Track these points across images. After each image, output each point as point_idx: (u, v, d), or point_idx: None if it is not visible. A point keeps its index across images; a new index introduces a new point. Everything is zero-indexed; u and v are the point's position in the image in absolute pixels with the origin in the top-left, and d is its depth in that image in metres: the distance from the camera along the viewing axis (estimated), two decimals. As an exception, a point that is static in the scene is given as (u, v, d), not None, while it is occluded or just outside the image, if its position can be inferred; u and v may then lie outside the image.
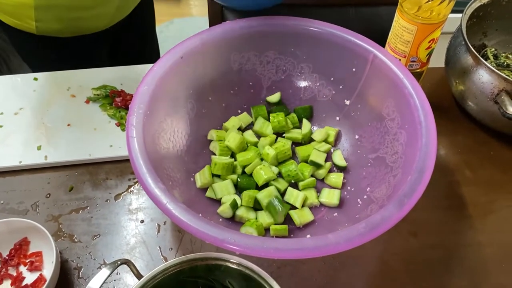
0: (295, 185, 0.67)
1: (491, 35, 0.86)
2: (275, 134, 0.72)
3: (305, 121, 0.73)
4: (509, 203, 0.71)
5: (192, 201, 0.61)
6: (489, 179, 0.74)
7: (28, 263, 0.61)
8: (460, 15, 0.76)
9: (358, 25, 0.73)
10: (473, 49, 0.72)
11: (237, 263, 0.48)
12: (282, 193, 0.65)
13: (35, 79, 0.83)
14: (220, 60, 0.69)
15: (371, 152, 0.66)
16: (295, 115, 0.73)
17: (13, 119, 0.77)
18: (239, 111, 0.74)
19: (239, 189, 0.66)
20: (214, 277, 0.51)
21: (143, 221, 0.67)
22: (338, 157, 0.69)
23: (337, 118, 0.72)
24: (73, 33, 0.90)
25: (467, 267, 0.64)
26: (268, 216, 0.62)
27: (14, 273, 0.61)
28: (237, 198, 0.63)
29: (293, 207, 0.64)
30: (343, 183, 0.67)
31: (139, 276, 0.50)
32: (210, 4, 1.06)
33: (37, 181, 0.70)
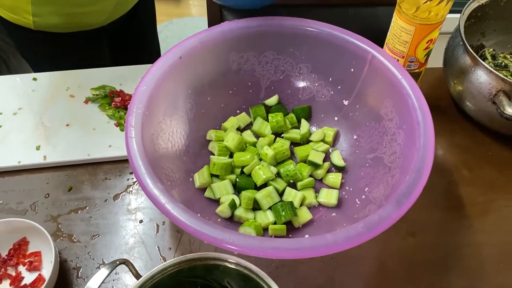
0: (294, 185, 0.67)
1: (489, 36, 0.86)
2: (273, 134, 0.72)
3: (304, 121, 0.73)
4: (507, 203, 0.72)
5: (191, 201, 0.62)
6: (487, 179, 0.74)
7: (27, 263, 0.61)
8: (458, 16, 0.76)
9: (356, 25, 0.72)
10: (471, 50, 0.72)
11: (235, 263, 0.48)
12: (280, 193, 0.65)
13: (34, 79, 0.83)
14: (219, 60, 0.69)
15: (369, 152, 0.66)
16: (293, 115, 0.73)
17: (12, 119, 0.77)
18: (238, 111, 0.74)
19: (237, 189, 0.66)
20: (212, 277, 0.51)
21: (142, 221, 0.67)
22: (336, 157, 0.69)
23: (336, 118, 0.72)
24: (71, 29, 0.90)
25: (465, 266, 0.64)
26: (266, 216, 0.62)
27: (13, 273, 0.61)
28: (236, 198, 0.64)
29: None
30: (342, 183, 0.67)
31: (137, 276, 0.51)
32: (209, 4, 1.06)
33: (36, 181, 0.70)
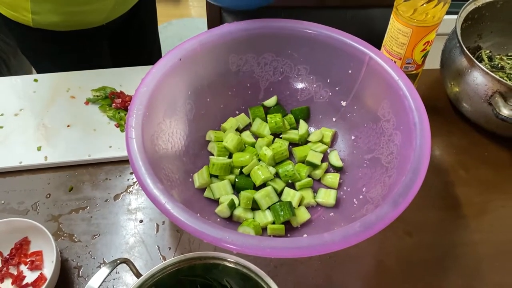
0: (292, 185, 0.68)
1: (486, 37, 0.87)
2: (272, 135, 0.72)
3: (302, 122, 0.73)
4: (503, 203, 0.72)
5: (190, 201, 0.62)
6: (483, 179, 0.75)
7: (28, 262, 0.62)
8: (455, 17, 0.76)
9: (354, 27, 0.73)
10: (467, 51, 0.72)
11: (234, 262, 0.49)
12: (279, 193, 0.66)
13: (35, 81, 0.83)
14: (218, 62, 0.70)
15: (367, 152, 0.67)
16: (292, 116, 0.74)
17: (13, 120, 0.78)
18: (237, 112, 0.75)
19: (236, 189, 0.66)
20: (212, 276, 0.51)
21: (142, 221, 0.67)
22: (334, 158, 0.70)
23: (334, 119, 0.73)
24: (70, 27, 0.90)
25: (461, 266, 0.65)
26: (265, 216, 0.63)
27: (15, 272, 0.62)
28: (235, 198, 0.64)
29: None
30: (339, 183, 0.67)
31: (138, 274, 0.51)
32: (208, 6, 1.07)
33: (37, 182, 0.71)
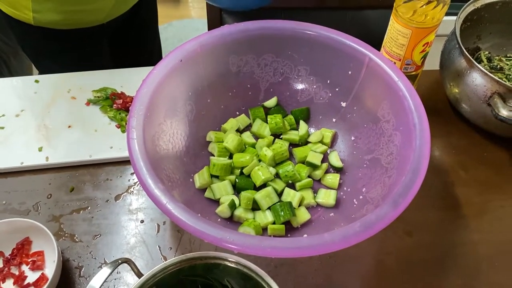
0: (292, 186, 0.68)
1: (485, 38, 0.87)
2: (272, 135, 0.73)
3: (302, 123, 0.74)
4: (502, 203, 0.73)
5: (191, 202, 0.62)
6: (482, 180, 0.75)
7: (30, 262, 0.62)
8: (454, 19, 0.77)
9: (354, 28, 0.74)
10: (466, 53, 0.73)
11: (235, 262, 0.49)
12: (279, 194, 0.66)
13: (36, 81, 0.84)
14: (218, 63, 0.70)
15: (366, 153, 0.67)
16: (292, 117, 0.74)
17: (15, 121, 0.78)
18: (237, 113, 0.75)
19: (237, 189, 0.67)
20: (213, 276, 0.52)
21: (143, 221, 0.68)
22: (334, 158, 0.70)
23: (334, 120, 0.73)
24: (70, 26, 0.90)
25: (461, 266, 0.65)
26: (265, 216, 0.63)
27: (16, 272, 0.62)
28: (236, 198, 0.65)
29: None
30: (339, 183, 0.68)
31: (139, 274, 0.51)
32: (209, 7, 1.07)
33: (38, 182, 0.71)
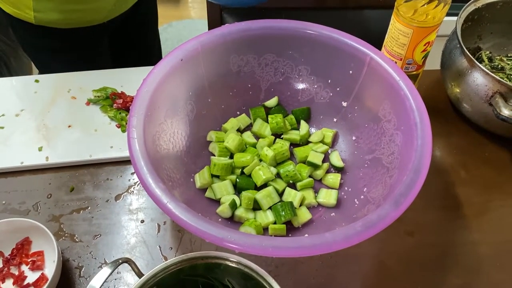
0: (293, 186, 0.68)
1: (486, 38, 0.87)
2: (273, 135, 0.73)
3: (303, 123, 0.74)
4: (503, 203, 0.73)
5: (192, 201, 0.62)
6: (483, 180, 0.75)
7: (30, 262, 0.62)
8: (455, 18, 0.77)
9: (355, 28, 0.73)
10: (467, 52, 0.73)
11: (236, 262, 0.49)
12: (280, 193, 0.66)
13: (36, 81, 0.83)
14: (219, 62, 0.70)
15: (368, 153, 0.67)
16: (293, 117, 0.74)
17: (15, 121, 0.78)
18: (238, 113, 0.75)
19: (238, 189, 0.66)
20: (213, 275, 0.51)
21: (143, 221, 0.68)
22: (335, 158, 0.70)
23: (335, 119, 0.73)
24: (71, 25, 0.90)
25: (462, 265, 0.65)
26: (266, 216, 0.63)
27: (16, 272, 0.62)
28: (236, 198, 0.64)
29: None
30: (341, 183, 0.68)
31: (140, 274, 0.51)
32: (209, 6, 1.07)
33: (38, 182, 0.71)
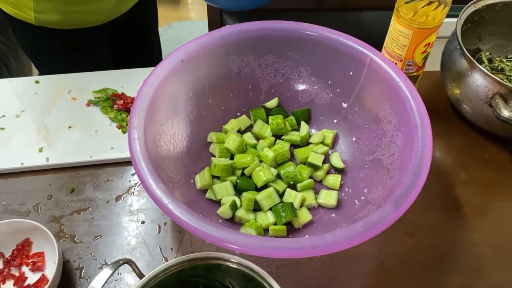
0: (294, 187, 0.68)
1: (485, 40, 0.87)
2: (274, 136, 0.73)
3: (303, 124, 0.74)
4: (503, 203, 0.73)
5: (192, 202, 0.62)
6: (484, 181, 0.75)
7: (30, 263, 0.62)
8: (455, 20, 0.77)
9: (355, 29, 0.73)
10: (467, 54, 0.73)
11: (237, 263, 0.49)
12: (281, 194, 0.66)
13: (37, 82, 0.84)
14: (219, 63, 0.70)
15: (368, 154, 0.67)
16: (293, 118, 0.74)
17: (15, 122, 0.78)
18: (239, 114, 0.75)
19: (238, 190, 0.66)
20: (214, 276, 0.51)
21: (143, 222, 0.68)
22: (335, 159, 0.70)
23: (335, 120, 0.73)
24: (71, 26, 0.90)
25: (462, 266, 0.65)
26: (267, 217, 0.63)
27: (16, 273, 0.62)
28: (237, 199, 0.64)
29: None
30: (341, 184, 0.68)
31: (140, 275, 0.51)
32: (209, 8, 1.07)
33: (39, 183, 0.71)
